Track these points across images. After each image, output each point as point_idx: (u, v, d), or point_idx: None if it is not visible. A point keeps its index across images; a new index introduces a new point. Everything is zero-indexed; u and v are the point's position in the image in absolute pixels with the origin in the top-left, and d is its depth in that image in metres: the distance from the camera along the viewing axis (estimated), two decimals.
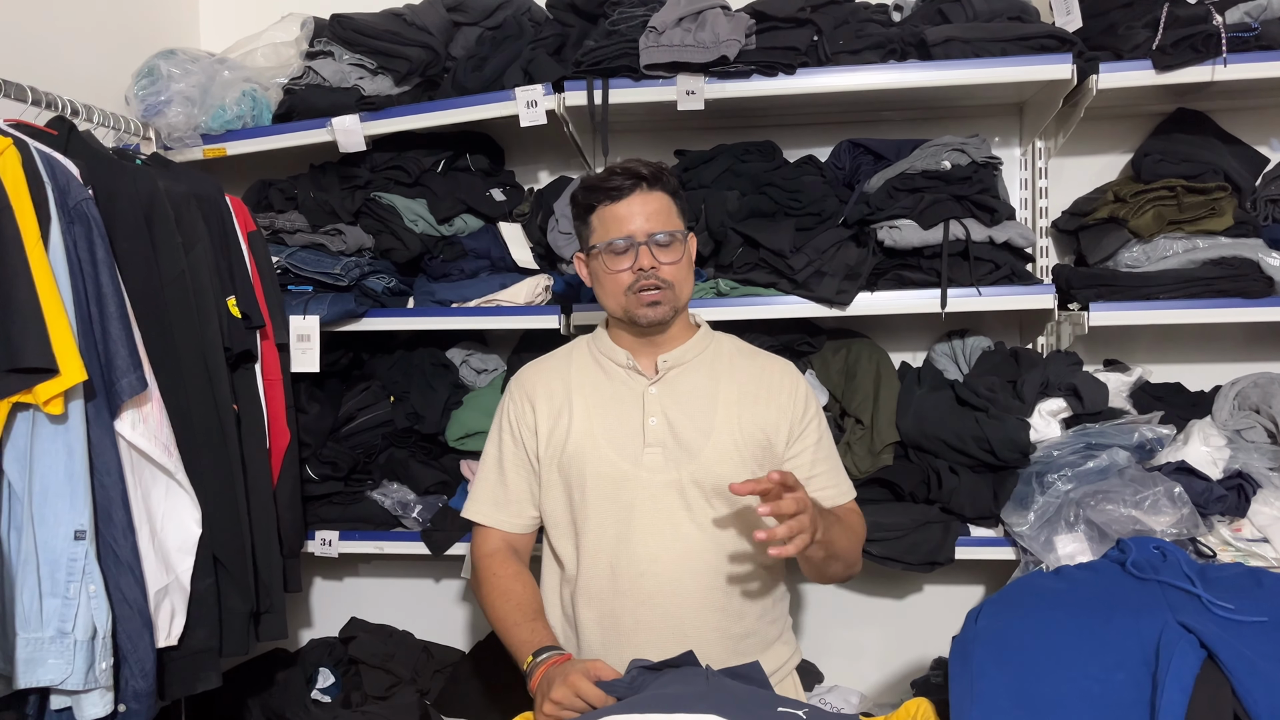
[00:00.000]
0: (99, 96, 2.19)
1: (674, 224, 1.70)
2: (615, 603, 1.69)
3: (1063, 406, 2.18)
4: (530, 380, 1.82)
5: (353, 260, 2.36)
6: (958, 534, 2.19)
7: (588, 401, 1.75)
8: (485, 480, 1.82)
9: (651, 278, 1.66)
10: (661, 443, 1.70)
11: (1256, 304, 2.13)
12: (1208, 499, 2.03)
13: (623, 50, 2.19)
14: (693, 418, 1.71)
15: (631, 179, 1.67)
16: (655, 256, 1.66)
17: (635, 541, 1.68)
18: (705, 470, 1.68)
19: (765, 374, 1.79)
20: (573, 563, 1.74)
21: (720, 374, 1.76)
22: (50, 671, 1.50)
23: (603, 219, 1.69)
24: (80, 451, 1.53)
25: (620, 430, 1.71)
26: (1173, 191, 2.18)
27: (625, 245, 1.66)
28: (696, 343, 1.78)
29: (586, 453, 1.71)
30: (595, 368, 1.78)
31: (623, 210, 1.67)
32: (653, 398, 1.72)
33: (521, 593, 1.72)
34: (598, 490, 1.70)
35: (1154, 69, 2.08)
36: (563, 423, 1.74)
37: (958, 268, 2.19)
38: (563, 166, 2.68)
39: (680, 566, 1.68)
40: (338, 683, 2.52)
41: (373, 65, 2.39)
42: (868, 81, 2.17)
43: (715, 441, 1.70)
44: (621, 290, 1.68)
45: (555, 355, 1.87)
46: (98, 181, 1.71)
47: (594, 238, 1.71)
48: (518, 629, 1.65)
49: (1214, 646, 1.21)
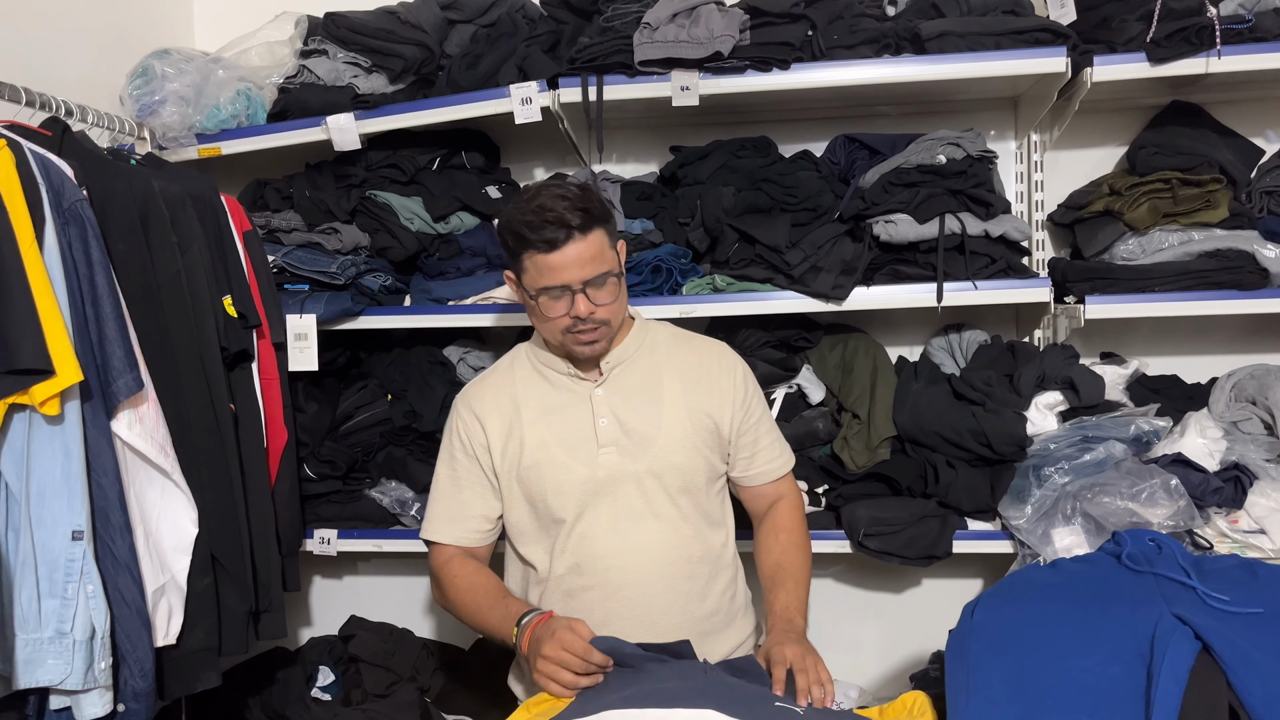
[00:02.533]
0: (93, 97, 2.18)
1: (606, 261, 1.66)
2: (585, 598, 1.73)
3: (1059, 400, 2.18)
4: (476, 398, 1.82)
5: (349, 259, 2.36)
6: (955, 528, 2.19)
7: (536, 412, 1.76)
8: (439, 500, 1.82)
9: (589, 322, 1.66)
10: (614, 441, 1.73)
11: (1252, 296, 2.14)
12: (1204, 491, 2.04)
13: (617, 46, 2.19)
14: (641, 412, 1.75)
15: (564, 230, 1.60)
16: (591, 300, 1.65)
17: (599, 538, 1.72)
18: (660, 461, 1.73)
19: (704, 359, 1.83)
20: (543, 564, 1.77)
21: (661, 365, 1.80)
22: (49, 672, 1.50)
23: (536, 264, 1.64)
24: (77, 452, 1.53)
25: (573, 435, 1.74)
26: (1168, 184, 2.18)
27: (561, 293, 1.64)
28: (634, 338, 1.81)
29: (543, 463, 1.73)
30: (538, 378, 1.80)
31: (556, 260, 1.62)
32: (600, 399, 1.75)
33: (486, 583, 1.73)
34: (559, 497, 1.72)
35: (1148, 61, 2.08)
36: (515, 436, 1.75)
37: (953, 262, 2.19)
38: (558, 163, 2.68)
39: (644, 556, 1.72)
40: (338, 681, 2.52)
41: (367, 63, 2.38)
42: (862, 76, 2.17)
43: (667, 431, 1.74)
44: (559, 330, 1.69)
45: (496, 370, 1.87)
46: (92, 182, 1.70)
47: (526, 279, 1.68)
48: (492, 611, 1.66)
49: (1209, 638, 1.22)
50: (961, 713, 1.24)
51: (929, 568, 2.28)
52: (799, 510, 1.88)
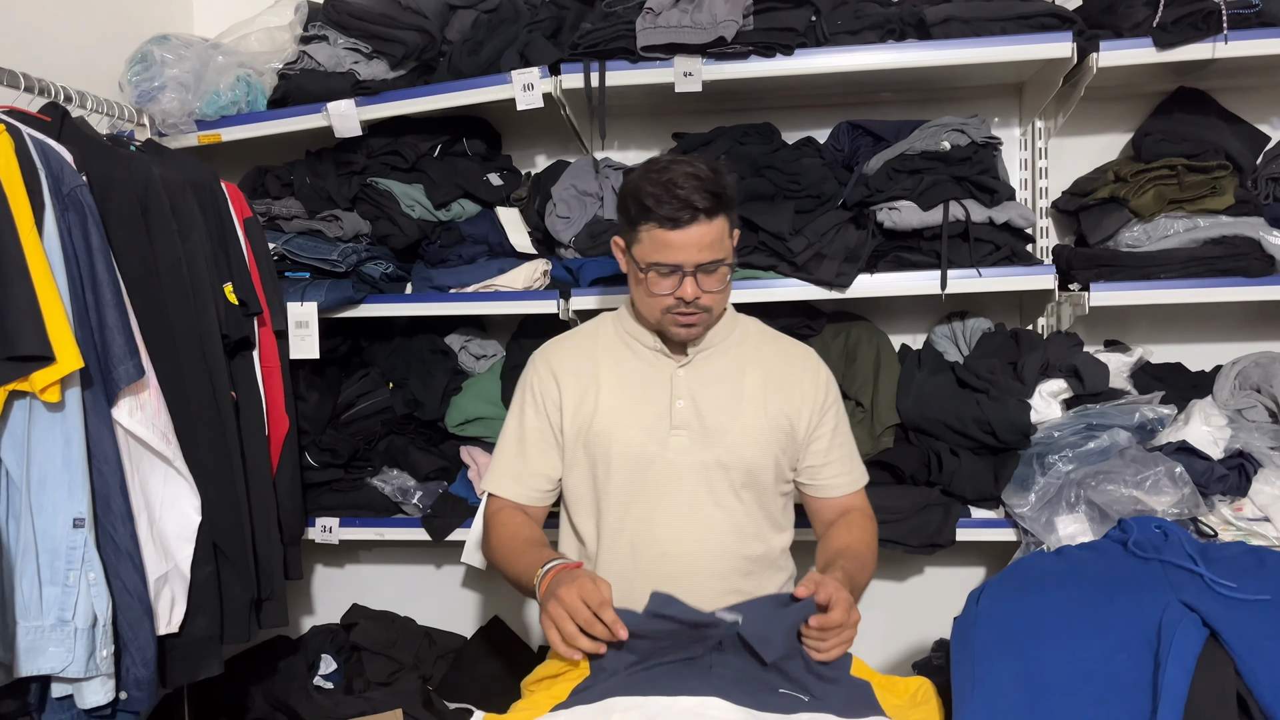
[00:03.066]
0: (92, 83, 2.17)
1: (723, 249, 1.63)
2: (635, 581, 1.68)
3: (1063, 387, 2.17)
4: (556, 356, 1.80)
5: (350, 246, 2.34)
6: (958, 516, 2.19)
7: (615, 380, 1.74)
8: (505, 453, 1.80)
9: (692, 306, 1.63)
10: (688, 425, 1.70)
11: (1258, 283, 2.13)
12: (1209, 479, 2.03)
13: (619, 32, 2.18)
14: (720, 401, 1.71)
15: (690, 210, 1.56)
16: (700, 285, 1.62)
17: (658, 521, 1.69)
18: (731, 453, 1.69)
19: (790, 360, 1.80)
20: (593, 540, 1.75)
21: (746, 358, 1.76)
22: (51, 660, 1.50)
23: (652, 239, 1.60)
24: (78, 439, 1.53)
25: (647, 411, 1.71)
26: (1173, 171, 2.17)
27: (671, 271, 1.61)
28: (724, 326, 1.77)
29: (613, 432, 1.70)
30: (622, 346, 1.78)
31: (675, 239, 1.58)
32: (681, 380, 1.72)
33: (530, 534, 1.71)
34: (623, 470, 1.70)
35: (1154, 47, 2.06)
36: (589, 401, 1.73)
37: (957, 249, 2.18)
38: (560, 150, 2.67)
39: (701, 548, 1.69)
40: (340, 669, 2.52)
41: (368, 49, 2.37)
42: (866, 62, 2.15)
43: (742, 425, 1.70)
44: (659, 308, 1.66)
45: (579, 333, 1.85)
46: (92, 168, 1.69)
47: (638, 250, 1.64)
48: (524, 556, 1.62)
49: (1217, 625, 1.21)
50: (967, 700, 1.23)
51: (932, 556, 2.28)
52: (872, 521, 1.80)
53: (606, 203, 2.34)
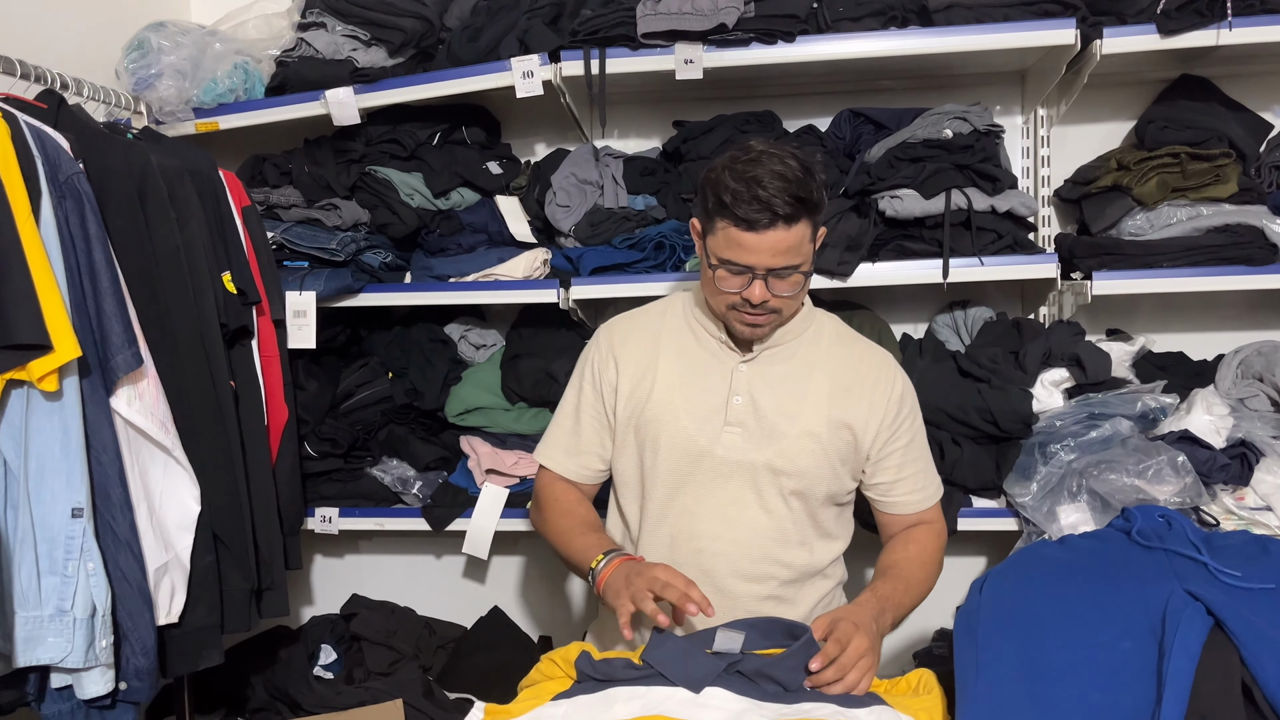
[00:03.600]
0: (89, 70, 2.15)
1: (800, 255, 1.53)
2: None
3: (1065, 376, 2.17)
4: (620, 334, 1.76)
5: (349, 235, 2.33)
6: (960, 505, 2.18)
7: (674, 367, 1.69)
8: (560, 427, 1.79)
9: (759, 309, 1.56)
10: (742, 423, 1.64)
11: (1260, 271, 2.12)
12: (1211, 468, 2.02)
13: (620, 19, 2.16)
14: (780, 403, 1.65)
15: (769, 215, 1.47)
16: (770, 289, 1.54)
17: (699, 516, 1.65)
18: (784, 458, 1.63)
19: (862, 365, 1.71)
20: (636, 523, 1.73)
21: (816, 361, 1.69)
22: (50, 650, 1.50)
23: (728, 235, 1.52)
24: (76, 428, 1.52)
25: (703, 403, 1.66)
26: (1176, 158, 2.16)
27: (741, 271, 1.54)
28: (797, 324, 1.69)
29: (665, 420, 1.66)
30: (688, 331, 1.72)
31: (750, 241, 1.50)
32: (742, 375, 1.66)
33: (586, 514, 1.71)
34: (670, 459, 1.66)
35: (1158, 33, 2.05)
36: (645, 384, 1.69)
37: (960, 238, 2.17)
38: (560, 139, 2.65)
39: (740, 550, 1.65)
40: (340, 659, 2.52)
41: (366, 36, 2.35)
42: (868, 49, 2.14)
43: (800, 430, 1.63)
44: (725, 304, 1.60)
45: (649, 311, 1.80)
46: (89, 156, 1.68)
47: (712, 242, 1.56)
48: (583, 536, 1.63)
49: (1221, 614, 1.20)
50: (971, 690, 1.23)
51: None
52: (939, 538, 1.74)
53: (607, 191, 2.33)
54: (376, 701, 2.14)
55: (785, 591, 1.67)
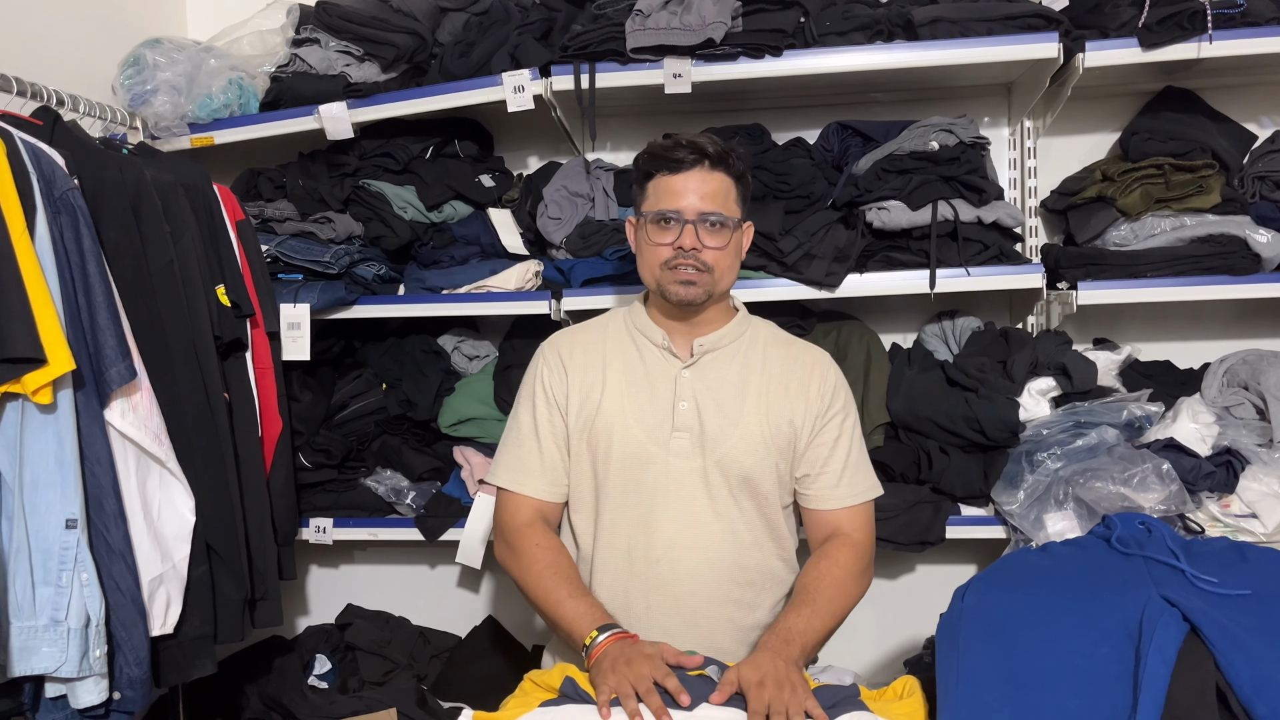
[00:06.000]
0: (85, 86, 2.18)
1: (728, 208, 1.65)
2: (629, 585, 1.68)
3: (1052, 385, 2.19)
4: (566, 347, 1.78)
5: (342, 248, 2.35)
6: (948, 514, 2.19)
7: (621, 377, 1.72)
8: (519, 446, 1.74)
9: (691, 258, 1.62)
10: (689, 428, 1.67)
11: (1244, 281, 2.14)
12: (1196, 476, 2.04)
13: (609, 34, 2.19)
14: (722, 406, 1.69)
15: (695, 154, 1.62)
16: (700, 238, 1.62)
17: (654, 526, 1.67)
18: (729, 460, 1.66)
19: (797, 365, 1.75)
20: (589, 541, 1.72)
21: (753, 363, 1.73)
22: (44, 660, 1.51)
23: (657, 188, 1.66)
24: (70, 441, 1.54)
25: (650, 411, 1.69)
26: (1160, 170, 2.18)
27: (672, 220, 1.63)
28: (733, 328, 1.75)
29: (615, 430, 1.68)
30: (630, 344, 1.76)
31: (678, 184, 1.63)
32: (685, 381, 1.70)
33: (568, 567, 1.66)
34: (622, 470, 1.68)
35: (1140, 47, 2.08)
36: (594, 396, 1.71)
37: (946, 248, 2.19)
38: (551, 152, 2.68)
39: (697, 556, 1.66)
40: (335, 669, 2.53)
41: (359, 52, 2.38)
42: (855, 63, 2.17)
43: (742, 432, 1.67)
44: (658, 263, 1.65)
45: (590, 326, 1.83)
46: (84, 171, 1.70)
47: (645, 205, 1.68)
48: (573, 602, 1.58)
49: (1197, 620, 1.22)
50: (951, 695, 1.24)
51: (923, 553, 2.28)
52: (854, 551, 1.69)
53: (597, 204, 2.36)
54: (371, 711, 2.16)
55: (745, 595, 1.69)
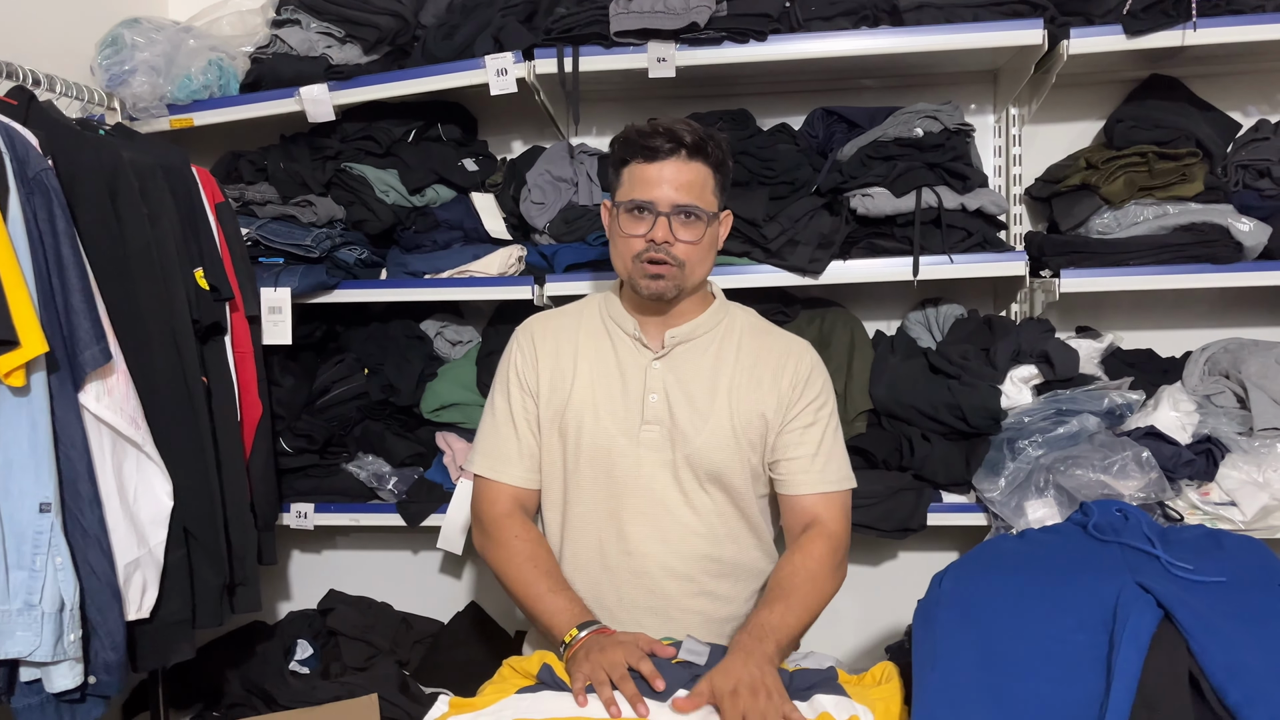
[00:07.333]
0: (63, 66, 2.15)
1: (705, 200, 1.60)
2: (601, 577, 1.67)
3: (1034, 373, 2.19)
4: (540, 333, 1.75)
5: (324, 232, 2.34)
6: (930, 501, 2.20)
7: (592, 367, 1.69)
8: (496, 433, 1.72)
9: (662, 252, 1.58)
10: (659, 420, 1.65)
11: (1226, 269, 2.14)
12: (1176, 463, 2.05)
13: (593, 17, 2.17)
14: (692, 399, 1.66)
15: (672, 142, 1.57)
16: (673, 231, 1.58)
17: (625, 519, 1.65)
18: (700, 454, 1.64)
19: (771, 354, 1.72)
20: (557, 532, 1.71)
21: (726, 354, 1.70)
22: (18, 644, 1.50)
23: (632, 176, 1.61)
24: (44, 424, 1.52)
25: (620, 402, 1.67)
26: (1144, 158, 2.18)
27: (645, 211, 1.59)
28: (708, 318, 1.72)
29: (585, 421, 1.66)
30: (603, 332, 1.73)
31: (653, 173, 1.58)
32: (655, 373, 1.67)
33: (548, 560, 1.65)
34: (592, 461, 1.66)
35: (1124, 34, 2.07)
36: (564, 385, 1.69)
37: (930, 235, 2.19)
38: (536, 136, 2.66)
39: (669, 548, 1.65)
40: (316, 654, 2.52)
41: (341, 33, 2.36)
42: (840, 48, 2.16)
43: (712, 426, 1.65)
44: (630, 254, 1.61)
45: (565, 312, 1.80)
46: (58, 152, 1.68)
47: (619, 193, 1.64)
48: (553, 596, 1.57)
49: (1171, 606, 1.22)
50: (927, 680, 1.24)
51: (904, 540, 2.30)
52: (829, 542, 1.64)
53: (581, 188, 2.34)
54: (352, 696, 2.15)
55: (719, 587, 1.68)
